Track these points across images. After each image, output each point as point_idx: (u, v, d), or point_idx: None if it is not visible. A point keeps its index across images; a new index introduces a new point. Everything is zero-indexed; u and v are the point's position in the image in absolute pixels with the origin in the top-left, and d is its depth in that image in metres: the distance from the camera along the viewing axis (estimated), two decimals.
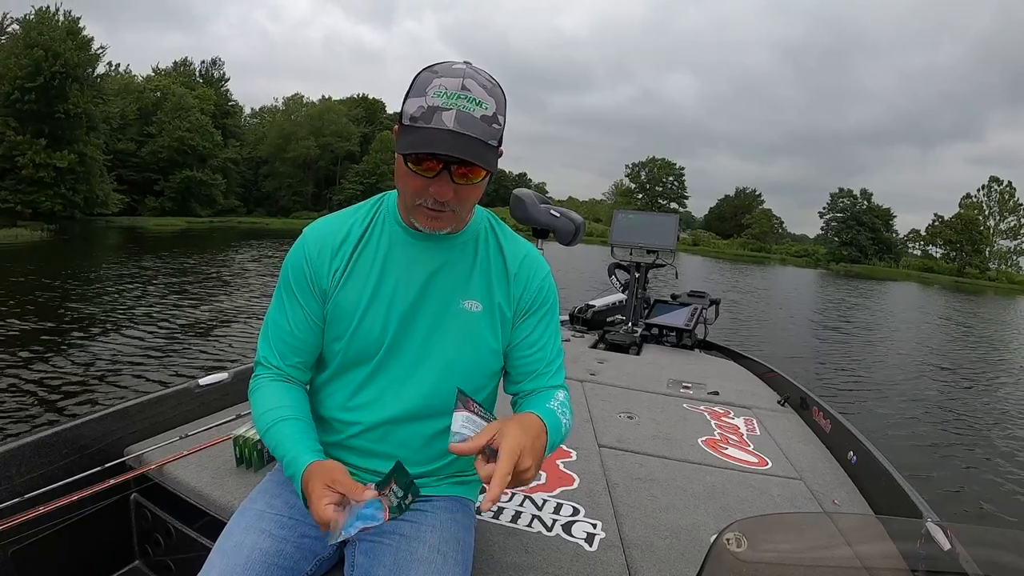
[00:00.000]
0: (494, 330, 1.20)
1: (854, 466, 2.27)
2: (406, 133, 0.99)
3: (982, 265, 63.74)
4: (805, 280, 36.63)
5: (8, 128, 28.33)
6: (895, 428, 6.49)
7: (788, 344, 11.19)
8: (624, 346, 4.30)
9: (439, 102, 0.96)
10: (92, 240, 23.04)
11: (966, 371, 10.69)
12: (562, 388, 1.27)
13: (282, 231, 36.64)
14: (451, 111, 0.96)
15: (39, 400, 4.86)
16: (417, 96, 0.98)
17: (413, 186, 1.03)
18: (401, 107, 1.01)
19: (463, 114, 0.96)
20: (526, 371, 1.25)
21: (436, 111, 0.96)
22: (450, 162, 0.98)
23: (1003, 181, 66.45)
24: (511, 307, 1.22)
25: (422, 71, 1.01)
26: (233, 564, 1.03)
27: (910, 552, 0.95)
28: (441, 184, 1.00)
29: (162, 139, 41.62)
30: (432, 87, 0.97)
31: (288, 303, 1.20)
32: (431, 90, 0.97)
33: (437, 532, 1.16)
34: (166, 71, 50.52)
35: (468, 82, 0.98)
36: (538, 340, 1.25)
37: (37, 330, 7.15)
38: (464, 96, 0.97)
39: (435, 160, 0.98)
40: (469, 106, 0.97)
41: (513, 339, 1.24)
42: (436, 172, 1.00)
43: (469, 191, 1.05)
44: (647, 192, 79.70)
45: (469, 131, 0.96)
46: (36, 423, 4.37)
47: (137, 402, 1.99)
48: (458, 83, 0.97)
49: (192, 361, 6.40)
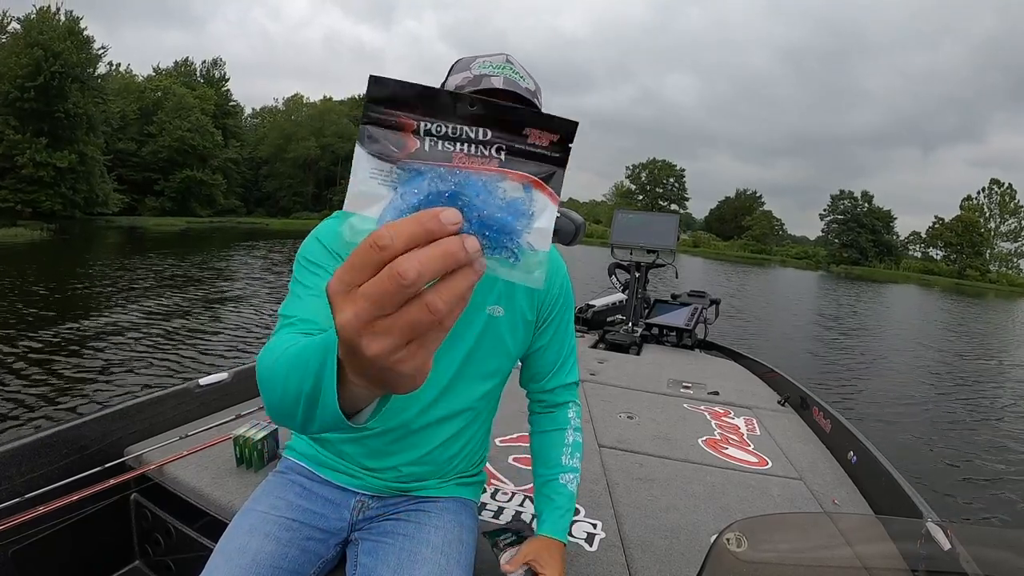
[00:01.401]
0: (514, 335, 1.21)
1: (854, 466, 2.27)
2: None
3: (983, 267, 63.73)
4: (805, 282, 36.58)
5: (8, 127, 28.30)
6: (895, 428, 6.48)
7: (788, 344, 11.17)
8: (624, 346, 4.31)
9: (486, 71, 0.97)
10: (92, 240, 22.99)
11: (966, 372, 10.68)
12: (573, 405, 1.35)
13: (282, 232, 36.64)
14: (499, 77, 0.97)
15: (39, 400, 4.85)
16: (461, 71, 0.99)
17: None
18: (442, 86, 1.00)
19: (511, 80, 0.97)
20: (544, 370, 1.31)
21: (483, 77, 0.97)
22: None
23: (1003, 183, 66.59)
24: (533, 311, 1.22)
25: (458, 60, 1.03)
26: (236, 568, 1.02)
27: (910, 552, 0.95)
28: None
29: (162, 139, 41.56)
30: (476, 63, 0.99)
31: (308, 284, 0.99)
32: (475, 64, 0.99)
33: (440, 532, 1.16)
34: (167, 71, 50.51)
35: (511, 58, 1.01)
36: (557, 341, 1.29)
37: (36, 329, 7.13)
38: (509, 68, 0.99)
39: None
40: (515, 76, 0.98)
41: (535, 343, 1.26)
42: None
43: None
44: (647, 193, 79.65)
45: (520, 91, 0.97)
46: (36, 423, 4.37)
47: (137, 402, 2.00)
48: (502, 58, 1.00)
49: (192, 361, 6.39)
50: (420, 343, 0.38)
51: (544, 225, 0.40)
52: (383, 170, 0.39)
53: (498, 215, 0.38)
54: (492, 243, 0.38)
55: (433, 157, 0.39)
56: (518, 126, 0.40)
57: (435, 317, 0.36)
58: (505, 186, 0.39)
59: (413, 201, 0.38)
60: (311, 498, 1.21)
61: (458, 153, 0.39)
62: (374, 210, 0.39)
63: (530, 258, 0.39)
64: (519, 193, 0.39)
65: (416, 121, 0.39)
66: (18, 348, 6.28)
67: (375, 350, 0.37)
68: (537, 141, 0.40)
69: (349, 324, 0.37)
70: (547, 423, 1.33)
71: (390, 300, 0.35)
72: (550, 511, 1.24)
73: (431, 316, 0.36)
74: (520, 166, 0.40)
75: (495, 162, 0.40)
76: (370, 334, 0.37)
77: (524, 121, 0.40)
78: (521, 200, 0.39)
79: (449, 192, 0.38)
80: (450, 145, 0.39)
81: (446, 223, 0.35)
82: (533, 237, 0.39)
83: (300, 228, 41.15)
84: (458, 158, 0.39)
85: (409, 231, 0.35)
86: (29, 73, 28.02)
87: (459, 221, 0.36)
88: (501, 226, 0.38)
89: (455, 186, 0.38)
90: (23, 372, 5.53)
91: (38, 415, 4.54)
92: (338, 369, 0.47)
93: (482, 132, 0.39)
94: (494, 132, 0.39)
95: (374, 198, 0.39)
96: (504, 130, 0.40)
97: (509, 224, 0.38)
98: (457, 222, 0.36)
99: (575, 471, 1.29)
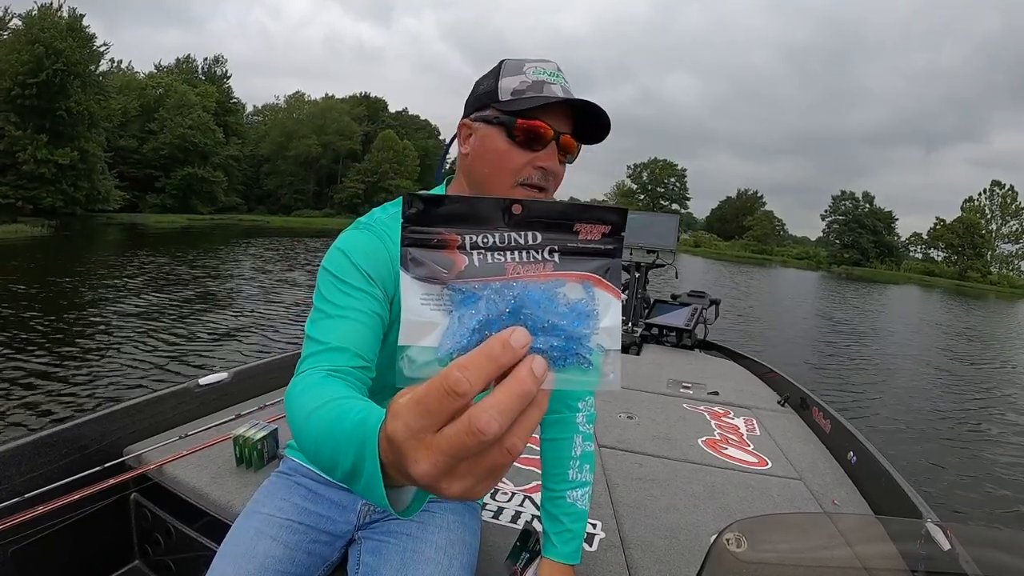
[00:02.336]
0: None
1: (854, 466, 2.28)
2: (512, 105, 0.94)
3: (984, 269, 63.66)
4: (806, 283, 36.55)
5: (9, 123, 28.28)
6: (895, 428, 6.49)
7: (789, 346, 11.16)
8: (624, 346, 4.29)
9: (543, 77, 0.96)
10: (93, 237, 23.00)
11: (967, 372, 10.68)
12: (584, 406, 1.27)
13: (283, 229, 36.62)
14: (557, 85, 0.95)
15: (39, 399, 4.85)
16: (514, 75, 0.97)
17: (516, 162, 0.95)
18: (489, 87, 0.98)
19: (567, 89, 0.96)
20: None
21: (543, 84, 0.95)
22: (560, 132, 0.96)
23: (1005, 185, 66.51)
24: None
25: (504, 60, 1.00)
26: (243, 572, 1.01)
27: (910, 552, 0.94)
28: (551, 154, 0.96)
29: (164, 136, 41.53)
30: (529, 67, 0.97)
31: (339, 304, 0.91)
32: (529, 68, 0.97)
33: (444, 533, 1.16)
34: (169, 68, 50.50)
35: (559, 67, 1.00)
36: None
37: (36, 328, 7.13)
38: (562, 76, 0.98)
39: (547, 128, 0.94)
40: (568, 85, 0.97)
41: None
42: (547, 141, 0.95)
43: (563, 171, 1.01)
44: (649, 193, 79.62)
45: (591, 101, 0.96)
46: (36, 423, 4.36)
47: (137, 402, 1.99)
48: (553, 65, 0.99)
49: (192, 361, 6.39)
50: (492, 476, 0.37)
51: (611, 324, 0.38)
52: (434, 294, 0.37)
53: (563, 323, 0.36)
54: (563, 352, 0.36)
55: (485, 272, 0.37)
56: (567, 223, 0.38)
57: (513, 457, 0.35)
58: (565, 291, 0.38)
59: (472, 324, 0.36)
60: (318, 501, 1.19)
61: (510, 263, 0.38)
62: (431, 339, 0.37)
63: (602, 360, 0.37)
64: (580, 294, 0.38)
65: (460, 235, 0.37)
66: (17, 347, 6.27)
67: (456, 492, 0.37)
68: (589, 236, 0.39)
69: (427, 475, 0.36)
70: (553, 430, 1.26)
71: (469, 453, 0.34)
72: (558, 533, 1.21)
73: (511, 458, 0.35)
74: (576, 265, 0.38)
75: (550, 265, 0.38)
76: (449, 480, 0.36)
77: (571, 216, 0.38)
78: (584, 302, 0.38)
79: (510, 308, 0.36)
80: (500, 256, 0.38)
81: (517, 348, 0.34)
82: (602, 338, 0.37)
83: (301, 226, 41.22)
84: (511, 268, 0.38)
85: (485, 373, 0.33)
86: (30, 70, 27.95)
87: (528, 342, 0.34)
88: (569, 334, 0.36)
89: (514, 300, 0.36)
90: (22, 371, 5.52)
91: (38, 415, 4.54)
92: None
93: (531, 236, 0.38)
94: (544, 234, 0.38)
95: (430, 326, 0.37)
96: (554, 230, 0.38)
97: (577, 330, 0.36)
98: (527, 343, 0.34)
99: (584, 485, 1.24)
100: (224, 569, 1.02)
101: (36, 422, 4.36)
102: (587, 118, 0.97)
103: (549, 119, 0.94)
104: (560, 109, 0.95)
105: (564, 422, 1.25)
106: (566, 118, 0.96)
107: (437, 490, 0.37)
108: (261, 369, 2.51)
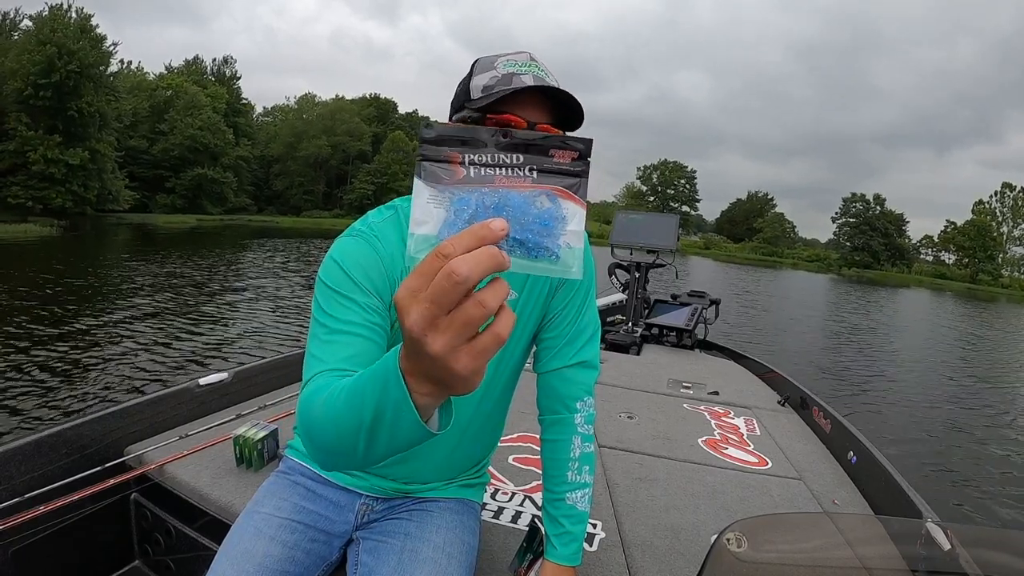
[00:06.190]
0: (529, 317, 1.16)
1: (854, 466, 2.27)
2: (481, 101, 0.93)
3: (995, 272, 63.22)
4: (816, 285, 36.42)
5: (20, 124, 28.55)
6: (895, 428, 6.47)
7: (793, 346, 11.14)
8: (624, 346, 4.31)
9: (513, 69, 0.94)
10: (102, 236, 23.17)
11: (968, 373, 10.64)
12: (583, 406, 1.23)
13: (292, 230, 36.78)
14: (528, 75, 0.93)
15: (39, 399, 4.87)
16: (484, 72, 0.95)
17: None
18: (464, 87, 0.97)
19: (540, 77, 0.94)
20: (556, 342, 1.21)
21: (512, 76, 0.93)
22: (535, 122, 0.93)
23: (1016, 187, 65.94)
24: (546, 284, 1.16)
25: (478, 59, 0.99)
26: (243, 572, 1.01)
27: (910, 552, 0.94)
28: None
29: (174, 137, 41.91)
30: (500, 61, 0.96)
31: (338, 316, 0.91)
32: (499, 63, 0.95)
33: (442, 533, 1.15)
34: (178, 70, 50.87)
35: (534, 56, 0.98)
36: (573, 308, 1.20)
37: (38, 327, 7.19)
38: (536, 65, 0.96)
39: (517, 119, 0.92)
40: (542, 74, 0.95)
41: (548, 311, 1.19)
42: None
43: None
44: (658, 195, 79.61)
45: (556, 85, 0.94)
46: (36, 423, 4.38)
47: (137, 402, 2.00)
48: (526, 56, 0.97)
49: (193, 360, 6.42)
50: (475, 344, 0.43)
51: (576, 228, 0.47)
52: (437, 195, 0.46)
53: (537, 222, 0.45)
54: (536, 246, 0.45)
55: (478, 180, 0.47)
56: (544, 149, 0.48)
57: (486, 311, 0.42)
58: (540, 198, 0.46)
59: (465, 216, 0.45)
60: (316, 500, 1.19)
61: (498, 176, 0.47)
62: (432, 226, 0.46)
63: (568, 255, 0.46)
64: (551, 203, 0.47)
65: (461, 154, 0.47)
66: (19, 346, 6.32)
67: (438, 346, 0.43)
68: (561, 159, 0.48)
69: (415, 324, 0.42)
70: (552, 431, 1.24)
71: (447, 298, 0.41)
72: (558, 535, 1.20)
73: (483, 310, 0.42)
74: (550, 180, 0.47)
75: (529, 180, 0.47)
76: (433, 331, 0.43)
77: (548, 144, 0.48)
78: (554, 208, 0.46)
79: (493, 206, 0.45)
80: (491, 171, 0.47)
81: (496, 230, 0.42)
82: (569, 237, 0.46)
83: (311, 227, 41.41)
84: (498, 180, 0.47)
85: (466, 241, 0.41)
86: (41, 71, 28.24)
87: (506, 227, 0.43)
88: (540, 230, 0.45)
89: (498, 201, 0.46)
90: (25, 369, 5.57)
91: (38, 415, 4.57)
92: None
93: (515, 157, 0.47)
94: (525, 156, 0.47)
95: (433, 217, 0.46)
96: (533, 154, 0.47)
97: (547, 228, 0.46)
98: (504, 228, 0.42)
99: (584, 486, 1.22)
100: (223, 569, 1.02)
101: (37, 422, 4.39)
102: (563, 103, 0.95)
103: (522, 111, 0.92)
104: (534, 98, 0.93)
105: (562, 423, 1.23)
106: (542, 106, 0.94)
107: (424, 345, 0.43)
108: (261, 369, 2.52)
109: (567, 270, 0.46)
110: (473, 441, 1.25)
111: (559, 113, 0.96)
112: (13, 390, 5.02)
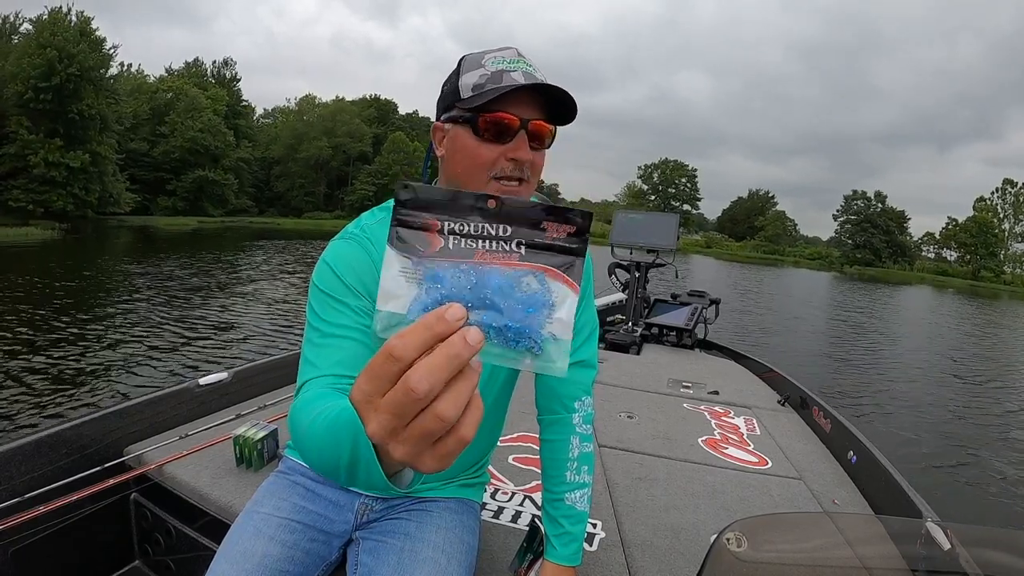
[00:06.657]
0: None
1: (854, 466, 2.27)
2: (473, 101, 0.92)
3: (997, 268, 63.11)
4: (819, 283, 36.38)
5: (21, 127, 28.58)
6: (895, 428, 6.46)
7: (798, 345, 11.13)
8: (624, 346, 4.31)
9: (502, 66, 0.93)
10: (103, 239, 23.17)
11: (968, 373, 10.61)
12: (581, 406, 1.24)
13: (293, 231, 36.79)
14: (517, 71, 0.92)
15: (40, 399, 4.88)
16: (473, 70, 0.94)
17: (486, 157, 0.94)
18: (452, 87, 0.97)
19: (529, 74, 0.93)
20: None
21: (502, 73, 0.92)
22: (528, 119, 0.93)
23: (1017, 183, 65.79)
24: None
25: (464, 56, 0.98)
26: (242, 572, 1.01)
27: (910, 552, 0.94)
28: (521, 143, 0.93)
29: (174, 139, 41.85)
30: (488, 58, 0.95)
31: (331, 321, 0.92)
32: (488, 60, 0.94)
33: (442, 533, 1.15)
34: (178, 72, 50.90)
35: (520, 52, 0.97)
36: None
37: (39, 328, 7.20)
38: (524, 61, 0.95)
39: (512, 117, 0.92)
40: (530, 70, 0.94)
41: None
42: (514, 132, 0.93)
43: (541, 157, 0.98)
44: (660, 194, 79.54)
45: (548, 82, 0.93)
46: (36, 423, 4.39)
47: (137, 402, 2.00)
48: (513, 52, 0.96)
49: (192, 361, 6.42)
50: (438, 448, 0.40)
51: (564, 316, 0.41)
52: (410, 268, 0.41)
53: (518, 307, 0.40)
54: (515, 335, 0.40)
55: (457, 254, 0.41)
56: (536, 220, 0.42)
57: (445, 424, 0.38)
58: (525, 279, 0.41)
59: (436, 296, 0.41)
60: (315, 500, 1.19)
61: (480, 250, 0.41)
62: (401, 303, 0.41)
63: (553, 348, 0.41)
64: (539, 285, 0.41)
65: (440, 221, 0.41)
66: (20, 347, 6.33)
67: (399, 454, 0.40)
68: (555, 234, 0.42)
69: (375, 434, 0.40)
70: (550, 431, 1.25)
71: (405, 411, 0.38)
72: (557, 536, 1.21)
73: (442, 424, 0.38)
74: (540, 258, 0.41)
75: (516, 256, 0.41)
76: (394, 441, 0.40)
77: (540, 215, 0.42)
78: (541, 292, 0.41)
79: (471, 287, 0.40)
80: (472, 243, 0.41)
81: (451, 320, 0.38)
82: (555, 327, 0.41)
83: (312, 228, 41.40)
84: (480, 255, 0.41)
85: (419, 339, 0.37)
86: (42, 74, 28.26)
87: (463, 316, 0.38)
88: (523, 317, 0.40)
89: (476, 280, 0.41)
90: (25, 371, 5.57)
91: (38, 415, 4.57)
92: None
93: (502, 228, 0.41)
94: (514, 228, 0.41)
95: (402, 294, 0.42)
96: (523, 225, 0.42)
97: (531, 316, 0.40)
98: (461, 318, 0.38)
99: (583, 486, 1.23)
100: (223, 569, 1.02)
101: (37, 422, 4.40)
102: (556, 98, 0.94)
103: (514, 108, 0.92)
104: (526, 95, 0.92)
105: (560, 423, 1.24)
106: (534, 103, 0.93)
107: (386, 453, 0.42)
108: (261, 369, 2.52)
109: (550, 365, 0.41)
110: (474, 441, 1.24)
111: (551, 108, 0.96)
112: (13, 390, 5.02)
